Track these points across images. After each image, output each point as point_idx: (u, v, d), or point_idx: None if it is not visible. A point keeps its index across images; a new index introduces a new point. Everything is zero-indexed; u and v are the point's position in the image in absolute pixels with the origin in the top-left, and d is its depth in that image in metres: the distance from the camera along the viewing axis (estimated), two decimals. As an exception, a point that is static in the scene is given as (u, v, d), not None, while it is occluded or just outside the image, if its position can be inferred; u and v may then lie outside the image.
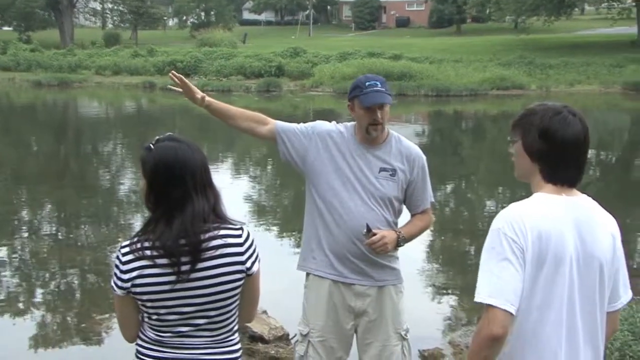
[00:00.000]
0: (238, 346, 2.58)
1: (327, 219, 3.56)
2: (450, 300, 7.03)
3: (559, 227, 2.28)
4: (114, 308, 2.63)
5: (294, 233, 9.14)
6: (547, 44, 38.36)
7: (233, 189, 11.87)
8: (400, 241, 3.54)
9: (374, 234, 3.41)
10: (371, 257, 3.54)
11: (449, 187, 13.14)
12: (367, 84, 3.50)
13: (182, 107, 27.26)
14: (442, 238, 9.44)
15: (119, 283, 2.41)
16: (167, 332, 2.46)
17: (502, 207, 2.40)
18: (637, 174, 14.98)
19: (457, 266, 8.37)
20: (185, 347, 2.47)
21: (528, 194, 2.41)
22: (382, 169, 3.56)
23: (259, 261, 2.52)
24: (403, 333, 3.68)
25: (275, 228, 10.09)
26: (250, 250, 2.48)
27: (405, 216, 3.71)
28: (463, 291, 7.16)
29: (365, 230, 3.44)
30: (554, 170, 2.36)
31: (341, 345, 3.64)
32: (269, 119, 3.78)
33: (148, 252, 2.37)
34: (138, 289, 2.39)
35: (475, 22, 58.45)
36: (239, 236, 2.46)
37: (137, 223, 10.05)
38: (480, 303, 2.26)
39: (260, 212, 11.11)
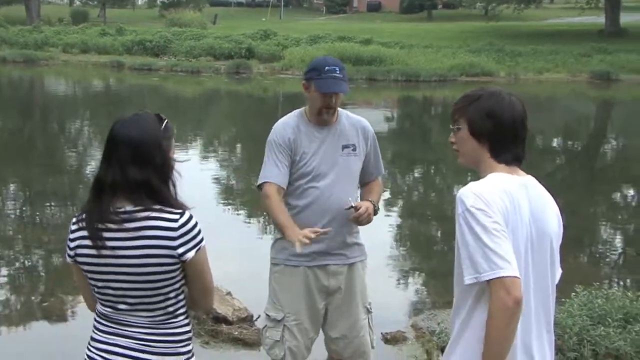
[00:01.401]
0: (182, 330, 2.53)
1: (301, 204, 3.60)
2: (414, 284, 7.09)
3: (516, 204, 2.34)
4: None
5: (260, 215, 9.14)
6: (517, 32, 38.60)
7: (201, 169, 11.82)
8: (375, 210, 3.66)
9: (357, 208, 3.53)
10: (344, 236, 3.65)
11: (417, 173, 13.23)
12: (326, 68, 3.52)
13: (152, 87, 27.04)
14: (409, 223, 9.52)
15: (68, 251, 2.52)
16: (109, 307, 2.50)
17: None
18: (600, 162, 15.19)
19: (422, 251, 8.44)
20: (126, 324, 2.48)
21: None
22: (344, 147, 3.66)
23: (198, 249, 2.42)
24: (369, 306, 3.83)
25: (242, 210, 10.08)
26: (186, 237, 2.40)
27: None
28: (427, 275, 7.23)
29: (348, 206, 3.55)
30: (503, 148, 2.44)
31: (313, 325, 3.72)
32: (270, 192, 3.58)
33: (84, 224, 2.45)
34: (79, 259, 2.48)
35: (446, 8, 58.59)
36: (174, 221, 2.40)
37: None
38: (476, 283, 2.26)
39: (227, 193, 11.09)
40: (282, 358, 3.66)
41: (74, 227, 2.49)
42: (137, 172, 2.40)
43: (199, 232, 2.44)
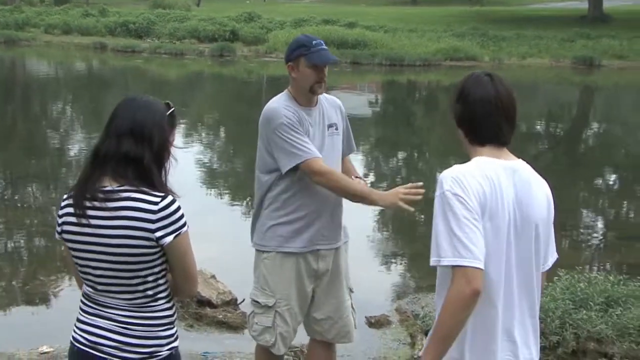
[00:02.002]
0: (163, 314, 2.51)
1: (297, 187, 3.57)
2: (397, 268, 7.12)
3: (498, 189, 2.33)
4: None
5: (245, 199, 9.13)
6: (501, 17, 38.61)
7: (184, 152, 11.77)
8: None
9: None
10: (336, 218, 3.69)
11: (400, 156, 13.24)
12: (313, 42, 3.56)
13: (134, 69, 26.82)
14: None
15: (56, 227, 2.53)
16: (90, 287, 2.51)
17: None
18: (582, 147, 15.28)
19: (405, 235, 8.47)
20: (106, 305, 2.48)
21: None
22: (329, 126, 3.68)
23: (178, 234, 2.40)
24: (351, 287, 3.87)
25: (225, 193, 10.07)
26: (165, 221, 2.38)
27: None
28: (410, 259, 7.27)
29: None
30: (479, 130, 2.43)
31: (301, 309, 3.73)
32: (324, 167, 3.53)
33: (72, 200, 2.46)
34: (65, 235, 2.50)
35: (431, -8, 58.52)
36: (154, 203, 2.38)
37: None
38: (442, 266, 2.29)
39: (211, 177, 11.06)
40: (274, 343, 3.65)
41: (63, 203, 2.50)
42: (132, 146, 2.40)
43: (181, 217, 2.42)
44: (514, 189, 2.37)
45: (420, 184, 3.51)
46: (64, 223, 2.49)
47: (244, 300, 5.54)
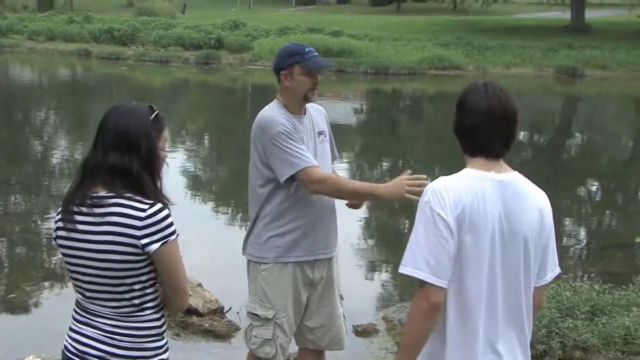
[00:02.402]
0: (149, 324, 2.49)
1: (295, 198, 3.56)
2: (383, 276, 7.13)
3: (481, 202, 2.32)
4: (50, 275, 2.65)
5: (230, 207, 9.11)
6: (485, 26, 38.83)
7: (169, 161, 11.67)
8: None
9: None
10: (332, 228, 3.71)
11: (385, 165, 13.26)
12: (306, 49, 3.58)
13: (119, 77, 26.73)
14: (377, 215, 9.54)
15: (53, 233, 2.53)
16: (80, 294, 2.50)
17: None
18: (566, 156, 15.38)
19: (391, 243, 8.48)
20: (94, 313, 2.47)
21: (449, 173, 2.47)
22: (318, 134, 3.70)
23: (165, 242, 2.37)
24: (342, 294, 3.89)
25: (211, 201, 10.03)
26: (153, 228, 2.36)
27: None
28: (396, 268, 7.21)
29: None
30: (470, 141, 2.42)
31: (296, 319, 3.73)
32: (323, 174, 3.55)
33: (62, 206, 2.49)
34: (58, 241, 2.50)
35: (414, 1, 58.70)
36: (142, 210, 2.37)
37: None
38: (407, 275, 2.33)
39: (196, 185, 11.03)
40: (274, 355, 3.64)
41: (59, 210, 2.52)
42: (118, 158, 2.39)
43: (169, 225, 2.39)
44: (502, 202, 2.35)
45: (424, 176, 3.47)
46: (57, 229, 2.49)
47: (230, 308, 5.52)
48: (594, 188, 12.28)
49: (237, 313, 5.49)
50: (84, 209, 2.41)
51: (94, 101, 21.18)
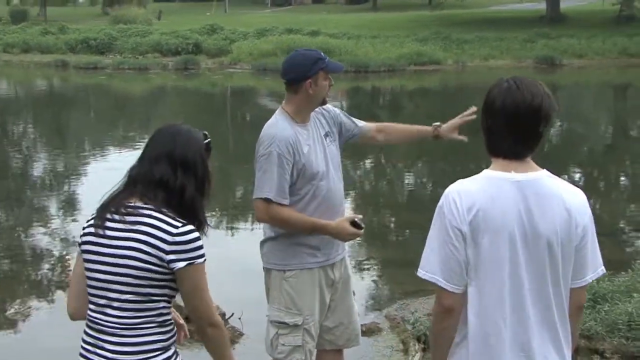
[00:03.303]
0: (153, 338, 2.44)
1: (313, 206, 3.55)
2: (384, 274, 7.11)
3: (497, 203, 2.28)
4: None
5: (228, 214, 9.09)
6: (461, 20, 38.98)
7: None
8: None
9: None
10: None
11: (368, 163, 13.21)
12: (322, 53, 3.58)
13: (98, 86, 26.55)
14: (376, 214, 9.53)
15: (79, 239, 2.53)
16: (92, 304, 2.48)
17: (423, 182, 2.43)
18: (547, 145, 15.43)
19: (390, 241, 8.48)
20: (99, 329, 2.45)
21: (443, 168, 2.46)
22: (325, 136, 3.68)
23: (191, 263, 2.37)
24: (354, 290, 3.92)
25: (211, 209, 9.97)
26: (181, 247, 2.36)
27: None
28: (398, 265, 7.24)
29: (438, 125, 3.84)
30: (494, 140, 2.37)
31: (321, 321, 3.71)
32: (286, 213, 3.52)
33: (96, 213, 2.51)
34: (83, 246, 2.49)
35: (390, -2, 58.83)
36: (174, 226, 2.38)
37: (52, 206, 9.78)
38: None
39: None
40: None
41: (90, 217, 2.53)
42: (169, 173, 2.43)
43: (198, 248, 2.40)
44: (523, 203, 2.29)
45: (361, 232, 3.59)
46: (85, 234, 2.49)
47: (232, 314, 5.49)
48: (577, 176, 12.33)
49: (239, 319, 5.47)
50: (117, 217, 2.42)
51: (73, 111, 21.02)
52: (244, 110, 20.38)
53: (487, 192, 2.29)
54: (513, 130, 2.32)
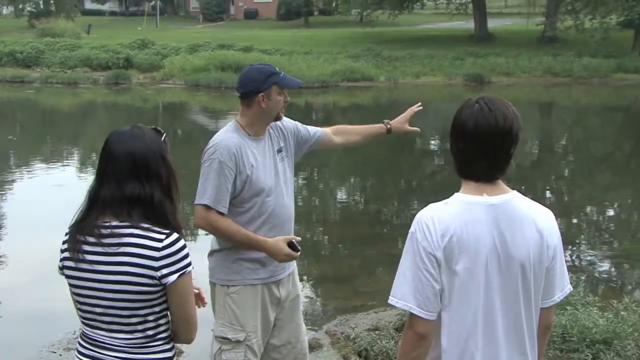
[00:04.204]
0: (161, 355, 2.41)
1: (259, 221, 3.52)
2: (323, 289, 7.11)
3: (471, 229, 2.25)
4: None
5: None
6: (393, 37, 39.54)
7: (79, 185, 11.39)
8: None
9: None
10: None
11: (300, 179, 13.24)
12: (277, 69, 3.59)
13: (24, 101, 25.88)
14: (316, 230, 9.52)
15: (59, 263, 2.42)
16: (88, 326, 2.40)
17: (355, 197, 2.41)
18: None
19: (325, 256, 8.48)
20: (104, 347, 2.37)
21: (374, 183, 2.44)
22: (278, 151, 3.66)
23: (182, 274, 2.31)
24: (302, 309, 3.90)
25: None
26: (170, 259, 2.29)
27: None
28: (335, 281, 7.26)
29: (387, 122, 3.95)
30: (464, 163, 2.33)
31: (265, 338, 3.67)
32: (223, 223, 3.49)
33: (68, 237, 2.39)
34: (65, 271, 2.39)
35: (322, 14, 59.29)
36: (158, 240, 2.29)
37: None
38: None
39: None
40: None
41: (64, 239, 2.40)
42: (138, 187, 2.30)
43: (186, 256, 2.33)
44: (496, 227, 2.26)
45: (297, 254, 3.56)
46: (64, 259, 2.39)
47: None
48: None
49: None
50: (92, 239, 2.31)
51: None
52: (175, 126, 20.15)
53: (460, 217, 2.25)
54: (485, 153, 2.28)
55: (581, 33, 32.81)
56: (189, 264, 2.34)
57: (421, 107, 4.01)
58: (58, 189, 11.54)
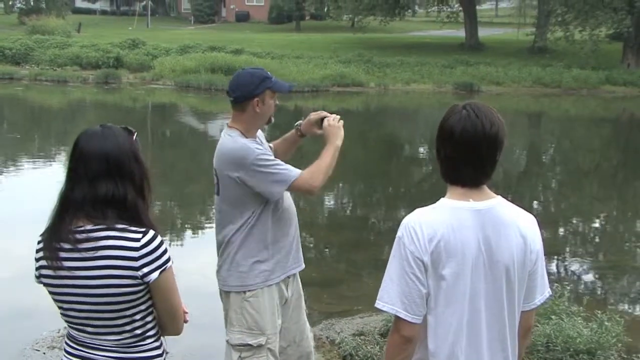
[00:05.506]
0: (151, 353, 2.42)
1: (277, 215, 3.55)
2: (307, 294, 7.04)
3: (458, 234, 2.26)
4: None
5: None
6: (384, 44, 39.64)
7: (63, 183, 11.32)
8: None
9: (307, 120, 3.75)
10: (299, 239, 3.75)
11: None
12: (268, 73, 3.58)
13: (12, 97, 25.76)
14: (302, 231, 9.48)
15: (34, 271, 2.38)
16: (75, 329, 2.38)
17: (341, 202, 2.41)
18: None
19: (310, 259, 8.39)
20: (93, 347, 2.37)
21: (360, 189, 2.44)
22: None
23: (163, 270, 2.31)
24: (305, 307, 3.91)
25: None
26: (149, 257, 2.28)
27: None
28: (320, 285, 7.23)
29: (299, 124, 3.90)
30: (451, 168, 2.35)
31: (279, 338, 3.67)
32: (305, 176, 3.59)
33: (43, 244, 2.35)
34: (42, 280, 2.36)
35: (313, 19, 59.38)
36: (136, 240, 2.28)
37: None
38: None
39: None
40: None
41: (38, 247, 2.36)
42: (112, 187, 2.28)
43: (164, 252, 2.32)
44: (482, 232, 2.29)
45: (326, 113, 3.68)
46: (40, 267, 2.35)
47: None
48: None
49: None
50: (68, 245, 2.27)
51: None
52: (164, 127, 20.12)
53: (447, 222, 2.27)
54: (472, 158, 2.29)
55: (571, 44, 32.98)
56: (168, 260, 2.33)
57: (327, 115, 3.85)
58: (41, 186, 11.47)
